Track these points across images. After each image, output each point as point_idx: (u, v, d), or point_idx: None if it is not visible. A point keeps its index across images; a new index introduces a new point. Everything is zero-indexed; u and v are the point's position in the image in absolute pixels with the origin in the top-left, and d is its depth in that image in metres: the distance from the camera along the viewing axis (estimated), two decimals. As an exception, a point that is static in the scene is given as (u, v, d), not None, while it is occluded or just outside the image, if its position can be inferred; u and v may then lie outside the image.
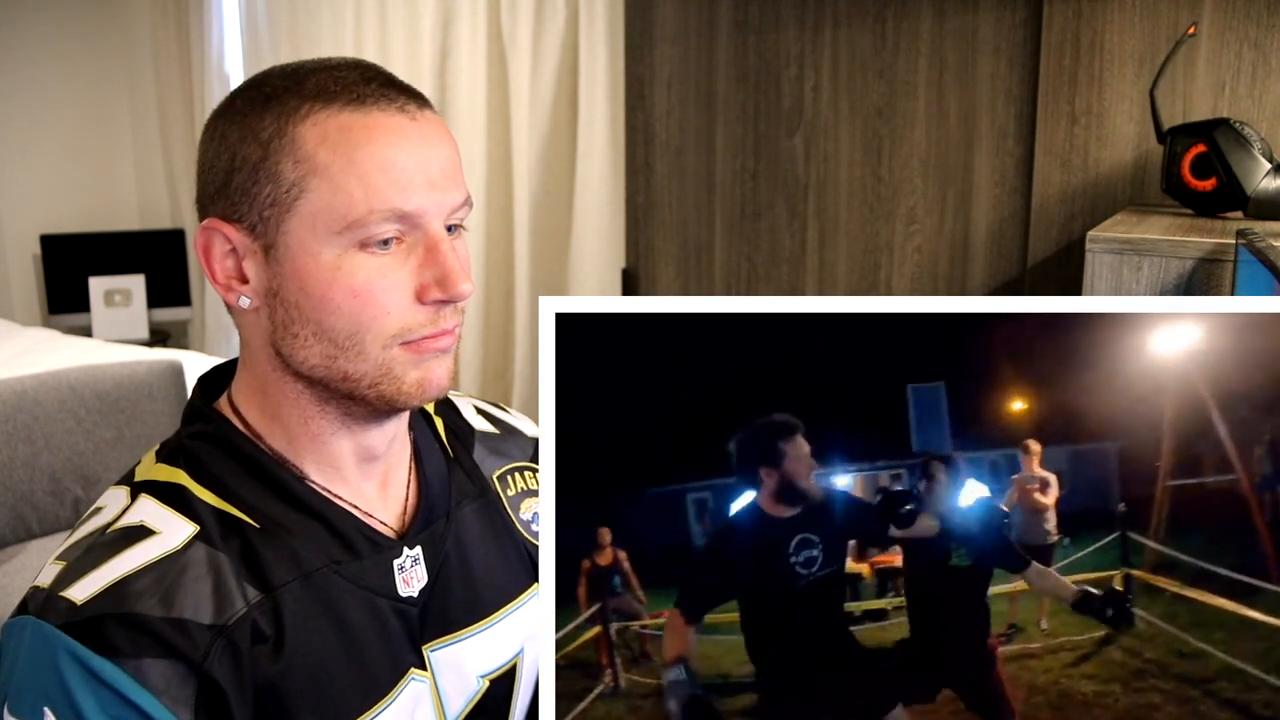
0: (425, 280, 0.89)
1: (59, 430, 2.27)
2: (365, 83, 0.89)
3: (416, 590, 0.97)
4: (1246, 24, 2.39)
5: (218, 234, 0.90)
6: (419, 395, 0.92)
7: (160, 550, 0.87)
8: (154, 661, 0.82)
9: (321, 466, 0.95)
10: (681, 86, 3.09)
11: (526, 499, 1.11)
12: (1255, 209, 2.12)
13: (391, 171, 0.87)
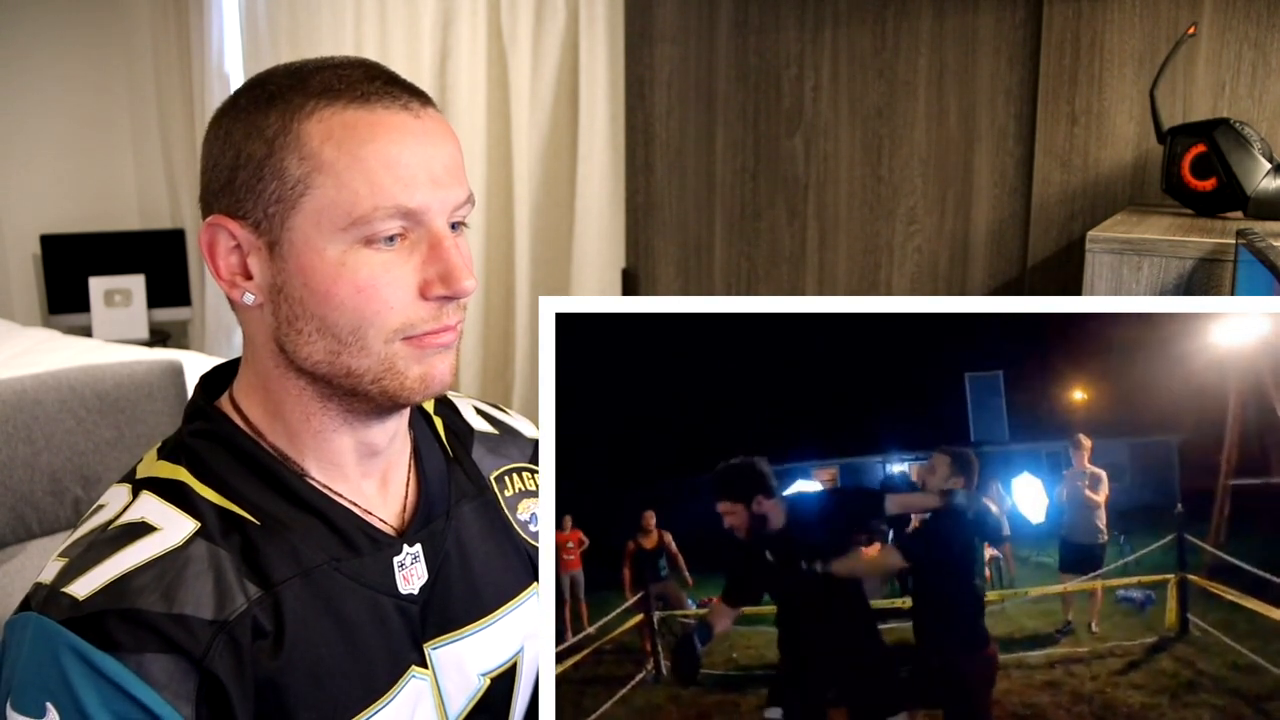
0: (429, 276, 0.90)
1: (59, 430, 2.27)
2: (369, 80, 0.89)
3: (417, 588, 0.98)
4: (1246, 24, 2.39)
5: (222, 230, 0.91)
6: (421, 391, 0.92)
7: (161, 546, 0.87)
8: (155, 657, 0.83)
9: (322, 464, 0.96)
10: (681, 86, 3.09)
11: (524, 499, 1.12)
12: (1255, 209, 2.12)
13: (396, 169, 0.87)
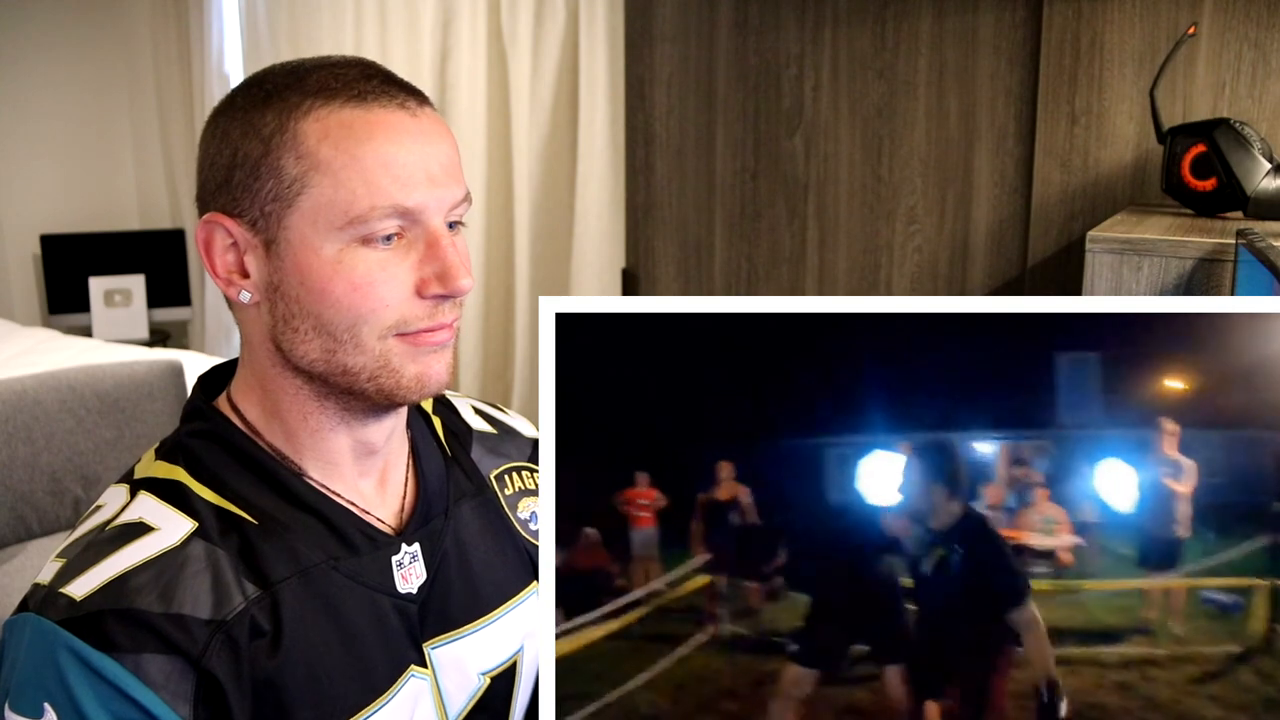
0: (425, 275, 0.90)
1: (59, 430, 2.26)
2: (366, 79, 0.90)
3: (415, 587, 0.98)
4: (1246, 24, 2.39)
5: (219, 228, 0.91)
6: (418, 390, 0.92)
7: (159, 546, 0.87)
8: (153, 657, 0.83)
9: (320, 463, 0.96)
10: (681, 86, 3.09)
11: (524, 498, 1.12)
12: (1255, 209, 2.11)
13: (393, 168, 0.87)
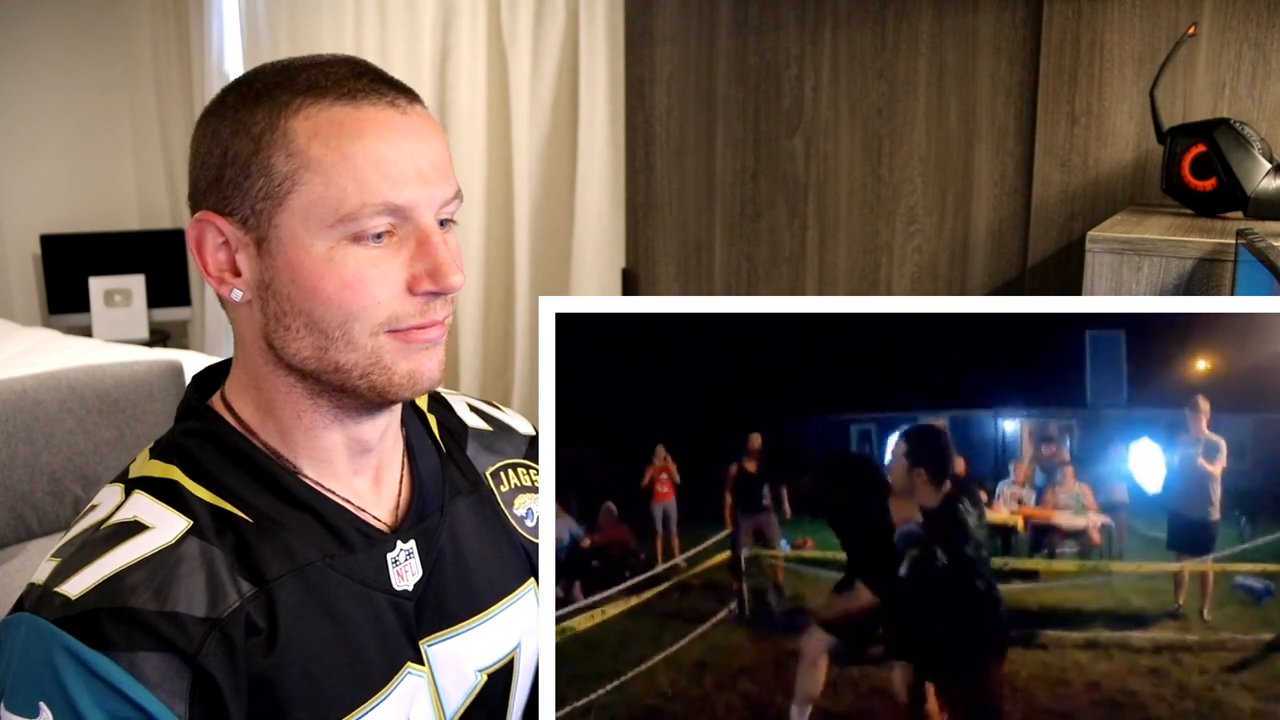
0: (417, 272, 0.90)
1: (59, 430, 2.26)
2: (356, 78, 0.90)
3: (411, 584, 0.98)
4: (1246, 24, 2.39)
5: (210, 226, 0.91)
6: (410, 387, 0.92)
7: (154, 545, 0.87)
8: (148, 655, 0.82)
9: (314, 461, 0.96)
10: (681, 86, 3.09)
11: (520, 495, 1.12)
12: (1255, 209, 2.11)
13: (383, 165, 0.87)
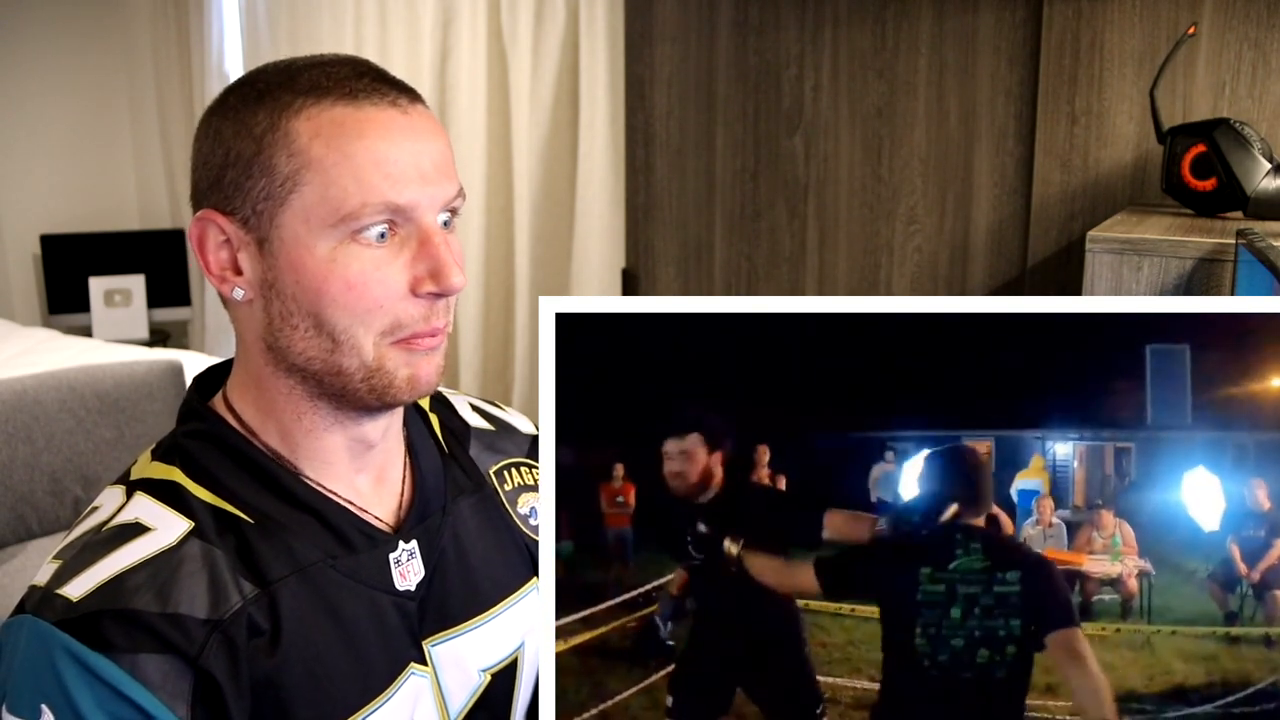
0: (419, 273, 0.90)
1: (59, 430, 2.27)
2: (358, 78, 0.90)
3: (413, 584, 0.98)
4: (1246, 24, 2.39)
5: (212, 225, 0.91)
6: (409, 391, 0.92)
7: (155, 546, 0.87)
8: (149, 657, 0.82)
9: (315, 462, 0.96)
10: (681, 86, 3.09)
11: (523, 494, 1.12)
12: (1255, 209, 2.11)
13: (384, 165, 0.87)
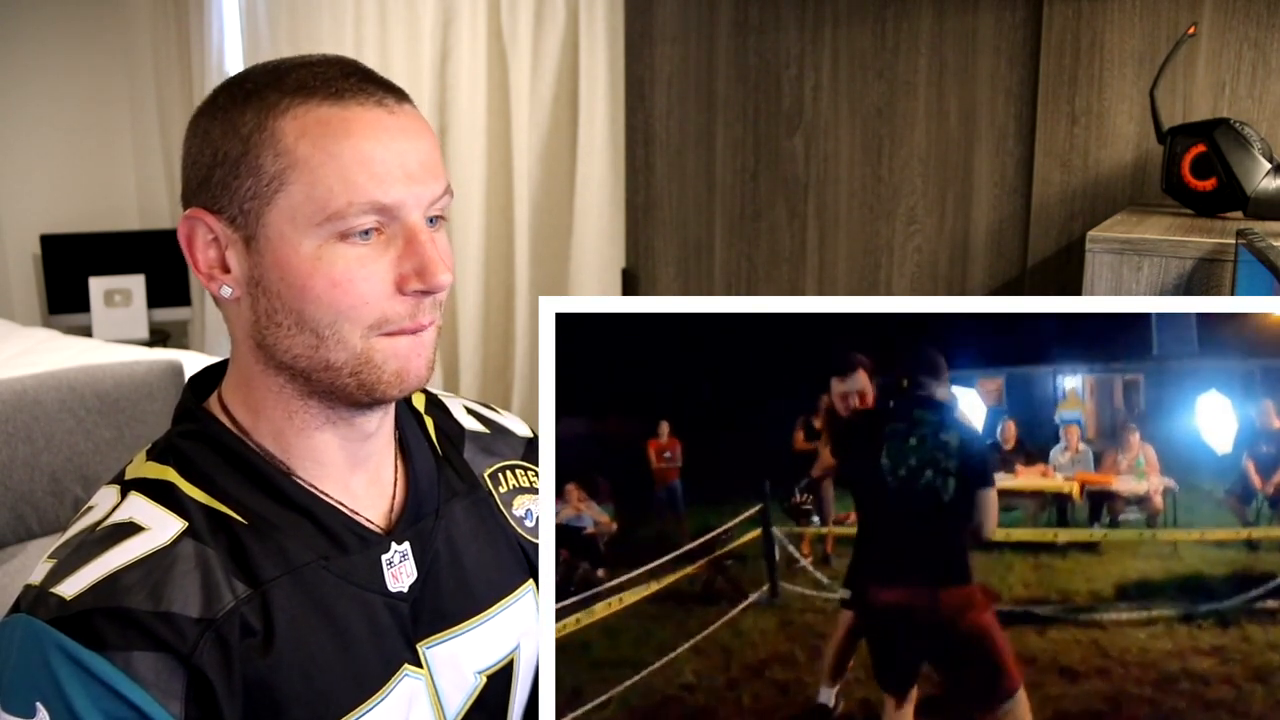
0: (405, 271, 0.90)
1: (59, 430, 2.27)
2: (344, 77, 0.90)
3: (406, 586, 0.98)
4: (1246, 24, 2.39)
5: (200, 223, 0.91)
6: (398, 386, 0.92)
7: (149, 546, 0.88)
8: (143, 655, 0.83)
9: (307, 462, 0.96)
10: (681, 86, 3.09)
11: (519, 496, 1.12)
12: (1255, 209, 2.11)
13: (370, 165, 0.88)
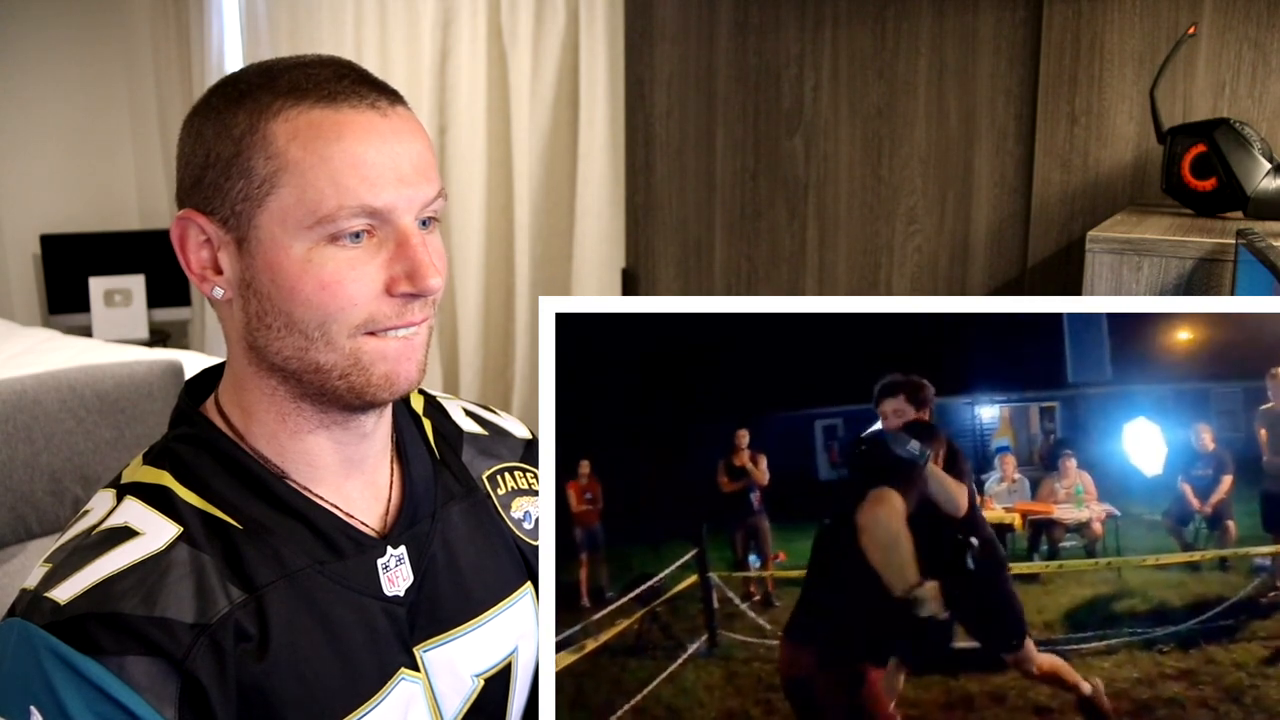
0: (395, 273, 0.90)
1: (59, 430, 2.26)
2: (338, 80, 0.90)
3: (402, 589, 0.98)
4: (1246, 24, 2.38)
5: (192, 224, 0.91)
6: (387, 389, 0.92)
7: (143, 551, 0.88)
8: (137, 659, 0.83)
9: (302, 466, 0.96)
10: (681, 86, 3.09)
11: (517, 498, 1.12)
12: (1255, 209, 2.11)
13: (361, 168, 0.87)
